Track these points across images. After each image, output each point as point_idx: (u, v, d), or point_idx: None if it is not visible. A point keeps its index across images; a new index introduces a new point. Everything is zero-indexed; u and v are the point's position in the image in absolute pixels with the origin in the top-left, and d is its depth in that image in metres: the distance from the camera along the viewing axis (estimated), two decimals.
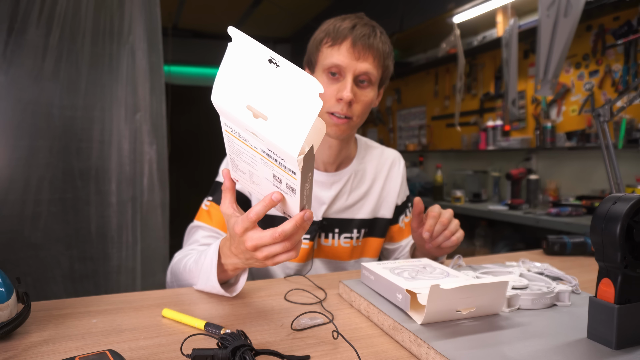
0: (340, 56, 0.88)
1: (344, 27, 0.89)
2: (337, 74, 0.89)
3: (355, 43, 0.88)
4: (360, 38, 0.88)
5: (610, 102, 1.07)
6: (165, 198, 1.39)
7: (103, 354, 0.48)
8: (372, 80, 0.91)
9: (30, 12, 1.13)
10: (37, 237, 1.18)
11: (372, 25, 0.91)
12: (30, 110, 1.16)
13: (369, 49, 0.88)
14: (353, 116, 0.91)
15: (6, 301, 0.55)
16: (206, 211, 0.94)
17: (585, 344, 0.52)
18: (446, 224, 0.84)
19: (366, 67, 0.89)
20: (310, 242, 0.98)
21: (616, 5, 2.32)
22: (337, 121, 0.90)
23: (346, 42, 0.88)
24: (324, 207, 0.99)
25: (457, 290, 0.56)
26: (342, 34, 0.89)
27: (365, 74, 0.89)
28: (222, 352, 0.47)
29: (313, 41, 0.94)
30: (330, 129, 0.92)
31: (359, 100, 0.90)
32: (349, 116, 0.90)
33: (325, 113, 0.90)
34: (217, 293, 0.73)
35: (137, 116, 1.32)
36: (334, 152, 0.98)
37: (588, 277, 0.86)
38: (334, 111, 0.89)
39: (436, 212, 0.85)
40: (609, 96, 2.54)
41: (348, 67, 0.88)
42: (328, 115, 0.90)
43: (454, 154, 3.80)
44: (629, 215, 0.49)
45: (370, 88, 0.92)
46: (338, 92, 0.89)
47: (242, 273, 0.73)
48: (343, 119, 0.90)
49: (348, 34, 0.88)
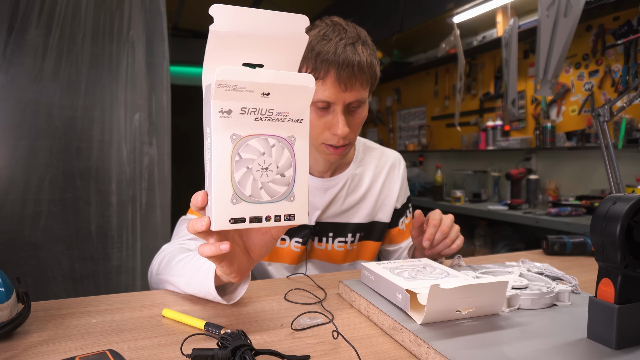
0: (327, 92, 0.80)
1: (325, 55, 0.79)
2: (326, 107, 0.83)
3: (340, 73, 0.79)
4: (345, 67, 0.79)
5: (610, 102, 1.07)
6: (166, 198, 1.39)
7: (103, 354, 0.48)
8: (363, 101, 0.85)
9: (30, 12, 1.13)
10: (37, 237, 1.18)
11: (352, 41, 0.81)
12: (30, 110, 1.16)
13: (356, 76, 0.80)
14: (350, 141, 0.87)
15: (6, 301, 0.55)
16: None
17: (585, 344, 0.52)
18: (446, 232, 0.83)
19: (356, 95, 0.82)
20: (302, 246, 0.97)
21: (616, 5, 2.32)
22: (333, 151, 0.86)
23: (330, 74, 0.79)
24: (317, 212, 0.97)
25: (457, 290, 0.56)
26: (323, 64, 0.79)
27: (356, 101, 0.83)
28: (222, 352, 0.47)
29: None
30: (329, 157, 0.88)
31: (352, 125, 0.85)
32: (346, 144, 0.87)
33: (321, 144, 0.86)
34: (212, 299, 0.68)
35: (137, 116, 1.32)
36: (329, 164, 0.96)
37: (588, 277, 0.86)
38: (330, 144, 0.85)
39: (437, 220, 0.83)
40: (608, 96, 2.54)
41: (337, 101, 0.81)
42: (325, 146, 0.86)
43: (454, 154, 3.80)
44: (629, 215, 0.49)
45: (362, 107, 0.86)
46: (331, 126, 0.83)
47: (243, 283, 0.68)
48: (341, 148, 0.86)
49: (331, 64, 0.79)
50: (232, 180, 0.51)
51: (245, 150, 0.51)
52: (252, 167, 0.52)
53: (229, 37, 0.49)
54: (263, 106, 0.51)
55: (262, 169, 0.53)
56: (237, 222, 0.52)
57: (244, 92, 0.49)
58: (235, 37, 0.49)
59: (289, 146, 0.54)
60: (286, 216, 0.55)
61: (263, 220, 0.53)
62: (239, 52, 0.51)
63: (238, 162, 0.51)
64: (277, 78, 0.50)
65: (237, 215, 0.51)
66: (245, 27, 0.49)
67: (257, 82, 0.49)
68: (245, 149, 0.51)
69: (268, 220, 0.54)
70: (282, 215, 0.54)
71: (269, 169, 0.53)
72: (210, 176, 0.50)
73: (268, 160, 0.53)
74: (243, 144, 0.51)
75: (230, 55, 0.50)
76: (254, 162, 0.52)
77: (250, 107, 0.51)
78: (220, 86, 0.47)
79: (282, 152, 0.54)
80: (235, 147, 0.51)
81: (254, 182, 0.52)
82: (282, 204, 0.54)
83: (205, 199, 0.52)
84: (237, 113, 0.50)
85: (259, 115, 0.51)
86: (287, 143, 0.54)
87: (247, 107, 0.50)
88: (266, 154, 0.53)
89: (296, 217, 0.55)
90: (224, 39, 0.49)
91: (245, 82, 0.48)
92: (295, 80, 0.51)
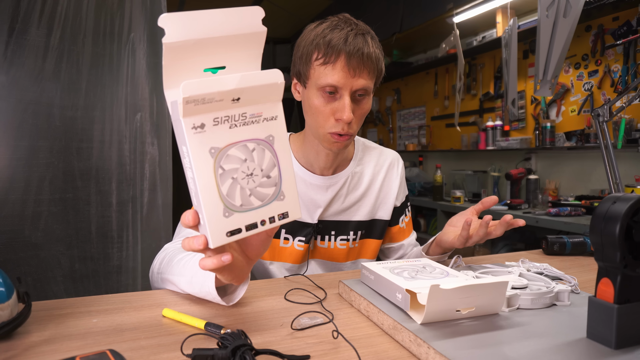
0: (336, 76, 0.84)
1: (336, 41, 0.83)
2: (333, 92, 0.86)
3: (350, 59, 0.83)
4: (355, 53, 0.83)
5: (610, 102, 1.07)
6: (168, 198, 1.39)
7: (103, 353, 0.48)
8: (369, 91, 0.89)
9: (31, 12, 1.13)
10: (38, 237, 1.18)
11: (362, 32, 0.86)
12: (31, 110, 1.16)
13: (364, 64, 0.84)
14: (353, 131, 0.89)
15: (7, 301, 0.56)
16: None
17: (584, 343, 0.52)
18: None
19: (363, 83, 0.85)
20: (305, 245, 0.98)
21: (615, 6, 2.32)
22: (338, 139, 0.88)
23: (340, 59, 0.83)
24: (319, 210, 0.98)
25: (457, 290, 0.56)
26: (334, 49, 0.83)
27: (362, 89, 0.86)
28: (222, 352, 0.47)
29: (301, 53, 0.88)
30: (331, 146, 0.90)
31: (357, 115, 0.88)
32: (349, 133, 0.88)
33: (326, 133, 0.89)
34: (212, 300, 0.68)
35: (137, 116, 1.32)
36: (330, 159, 0.97)
37: (587, 277, 0.86)
38: (335, 131, 0.87)
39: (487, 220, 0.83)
40: (608, 96, 2.54)
41: (345, 86, 0.84)
42: (330, 134, 0.88)
43: (454, 154, 3.81)
44: (629, 215, 0.49)
45: (367, 98, 0.90)
46: (336, 112, 0.86)
47: (243, 283, 0.68)
48: (344, 136, 0.88)
49: (341, 50, 0.83)
50: (220, 194, 0.50)
51: (227, 161, 0.50)
52: (237, 176, 0.51)
53: (185, 46, 0.46)
54: (235, 112, 0.49)
55: (247, 175, 0.51)
56: (234, 234, 0.51)
57: (213, 102, 0.47)
58: (191, 45, 0.47)
59: (269, 146, 0.53)
60: (280, 215, 0.55)
61: (259, 226, 0.53)
62: (197, 59, 0.48)
63: (222, 175, 0.50)
64: (245, 81, 0.48)
65: (232, 227, 0.51)
66: (200, 32, 0.47)
67: (225, 91, 0.47)
68: (226, 160, 0.50)
69: (263, 224, 0.53)
70: (276, 215, 0.54)
71: (254, 173, 0.52)
72: (198, 195, 0.49)
73: (251, 165, 0.52)
74: (223, 156, 0.49)
75: (189, 63, 0.48)
76: (237, 171, 0.51)
77: (223, 116, 0.49)
78: (188, 103, 0.45)
79: (263, 154, 0.53)
80: (215, 160, 0.49)
81: (242, 191, 0.51)
82: (273, 205, 0.54)
83: (195, 217, 0.50)
84: (211, 125, 0.48)
85: (232, 122, 0.50)
86: (267, 143, 0.53)
87: (219, 117, 0.48)
88: (248, 160, 0.51)
89: (290, 213, 0.55)
90: (180, 49, 0.46)
91: (213, 93, 0.46)
92: (263, 79, 0.50)
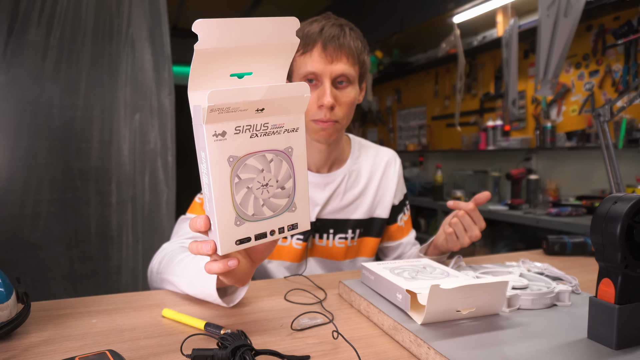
0: (314, 62, 0.87)
1: (312, 32, 0.88)
2: (314, 80, 0.88)
3: (325, 46, 0.86)
4: (330, 40, 0.86)
5: (611, 102, 1.07)
6: (171, 197, 1.39)
7: (103, 354, 0.48)
8: (351, 79, 0.90)
9: (30, 12, 1.13)
10: (37, 237, 1.18)
11: (340, 24, 0.90)
12: (31, 110, 1.16)
13: (341, 50, 0.87)
14: (338, 119, 0.90)
15: (6, 301, 0.55)
16: (199, 204, 0.95)
17: (585, 344, 0.52)
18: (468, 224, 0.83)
19: (342, 69, 0.87)
20: (304, 243, 0.98)
21: (616, 5, 2.32)
22: (322, 125, 0.90)
23: (316, 47, 0.87)
24: (317, 208, 0.98)
25: (457, 290, 0.56)
26: (311, 39, 0.87)
27: (342, 75, 0.88)
28: (222, 352, 0.47)
29: None
30: (318, 135, 0.91)
31: (340, 103, 0.90)
32: (333, 120, 0.89)
33: (310, 121, 0.90)
34: (213, 301, 0.68)
35: (137, 116, 1.32)
36: (324, 155, 0.98)
37: (588, 277, 0.86)
38: (318, 118, 0.89)
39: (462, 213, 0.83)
40: (609, 96, 2.54)
41: (323, 72, 0.87)
42: (313, 122, 0.90)
43: (454, 154, 3.80)
44: (629, 215, 0.49)
45: (350, 87, 0.91)
46: (318, 98, 0.88)
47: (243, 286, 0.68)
48: (328, 122, 0.89)
49: (317, 38, 0.87)
50: (234, 203, 0.50)
51: (244, 171, 0.50)
52: (252, 186, 0.51)
53: (216, 53, 0.46)
54: (257, 122, 0.49)
55: (262, 186, 0.51)
56: (243, 243, 0.51)
57: (237, 112, 0.47)
58: (222, 52, 0.46)
59: (287, 158, 0.53)
60: (289, 226, 0.55)
61: (268, 235, 0.53)
62: (226, 64, 0.48)
63: (238, 184, 0.49)
64: (271, 93, 0.48)
65: (242, 236, 0.51)
66: (234, 40, 0.46)
67: (250, 101, 0.47)
68: (243, 169, 0.50)
69: (272, 234, 0.53)
70: (286, 226, 0.54)
71: (269, 184, 0.52)
72: (211, 201, 0.49)
73: (267, 176, 0.52)
74: (241, 165, 0.49)
75: (217, 68, 0.48)
76: (253, 180, 0.51)
77: (245, 125, 0.48)
78: (213, 111, 0.45)
79: (280, 165, 0.52)
80: (233, 169, 0.49)
81: (256, 201, 0.51)
82: (284, 216, 0.54)
83: (207, 223, 0.50)
84: (232, 133, 0.48)
85: (254, 132, 0.49)
86: (285, 155, 0.52)
87: (241, 126, 0.48)
88: (265, 170, 0.51)
89: (299, 225, 0.55)
90: (211, 55, 0.46)
91: (238, 103, 0.46)
92: (290, 91, 0.50)
